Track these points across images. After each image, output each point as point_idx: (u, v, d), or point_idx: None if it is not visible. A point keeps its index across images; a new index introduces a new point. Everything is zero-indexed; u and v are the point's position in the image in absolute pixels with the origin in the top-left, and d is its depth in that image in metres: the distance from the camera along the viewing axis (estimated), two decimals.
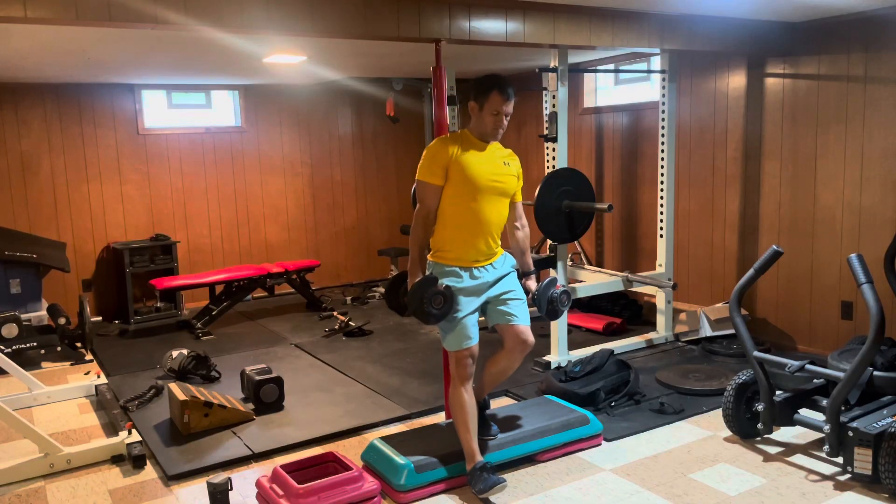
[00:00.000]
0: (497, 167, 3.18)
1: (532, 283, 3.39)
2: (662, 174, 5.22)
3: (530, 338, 3.26)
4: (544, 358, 4.77)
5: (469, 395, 3.15)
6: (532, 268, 3.45)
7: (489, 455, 3.24)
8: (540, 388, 4.23)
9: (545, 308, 3.33)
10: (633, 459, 3.43)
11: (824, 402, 3.31)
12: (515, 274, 3.34)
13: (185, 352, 4.84)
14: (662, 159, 5.21)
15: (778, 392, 3.51)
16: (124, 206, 6.65)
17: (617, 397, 4.05)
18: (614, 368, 4.16)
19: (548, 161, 4.83)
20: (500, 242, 3.27)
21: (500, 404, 4.04)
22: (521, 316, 3.26)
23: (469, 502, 3.09)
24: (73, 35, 4.03)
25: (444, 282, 3.10)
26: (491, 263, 3.22)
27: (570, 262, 5.42)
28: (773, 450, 3.49)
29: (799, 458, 3.39)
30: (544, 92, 5.71)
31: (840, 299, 4.71)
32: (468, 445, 3.13)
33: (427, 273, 3.17)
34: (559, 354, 4.75)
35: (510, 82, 3.12)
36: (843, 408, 3.24)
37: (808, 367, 3.32)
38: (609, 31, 4.08)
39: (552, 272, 4.80)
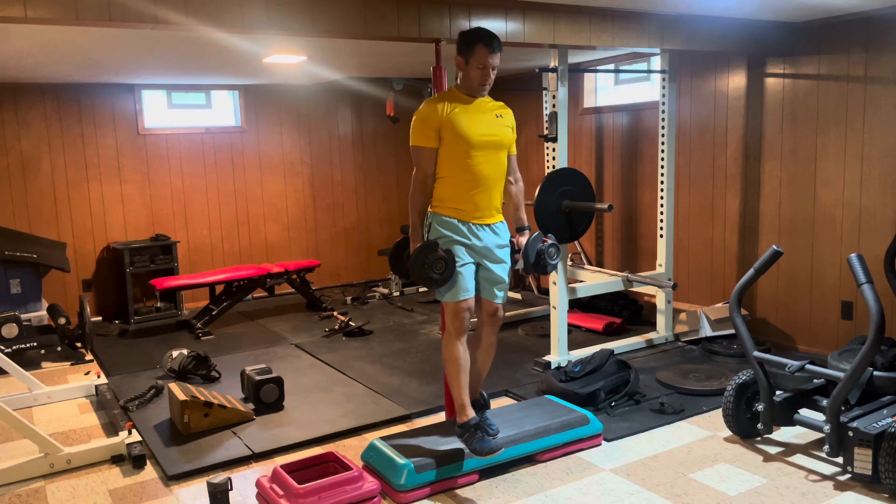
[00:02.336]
0: (489, 121, 3.18)
1: (524, 239, 3.37)
2: (662, 174, 5.22)
3: (502, 313, 3.36)
4: (544, 358, 4.77)
5: (464, 348, 3.17)
6: (525, 223, 3.43)
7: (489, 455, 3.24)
8: (540, 388, 4.23)
9: (533, 261, 3.30)
10: (633, 459, 3.43)
11: (824, 402, 3.31)
12: (510, 248, 3.34)
13: (185, 352, 4.84)
14: (662, 159, 5.21)
15: (778, 392, 3.51)
16: (124, 206, 6.65)
17: (617, 397, 4.05)
18: (614, 368, 4.16)
19: (548, 161, 4.83)
20: (501, 199, 3.26)
21: (500, 404, 4.04)
22: (501, 296, 3.32)
23: (469, 503, 3.09)
24: (73, 35, 4.03)
25: (442, 231, 3.12)
26: (491, 225, 3.21)
27: (570, 262, 5.42)
28: (773, 450, 3.49)
29: (799, 458, 3.39)
30: (544, 92, 5.71)
31: (840, 299, 4.71)
32: (459, 398, 3.15)
33: (426, 221, 3.18)
34: (559, 354, 4.75)
35: (495, 35, 3.10)
36: (843, 408, 3.24)
37: (808, 367, 3.32)
38: (609, 31, 4.08)
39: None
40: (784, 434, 3.66)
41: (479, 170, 3.14)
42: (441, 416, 3.90)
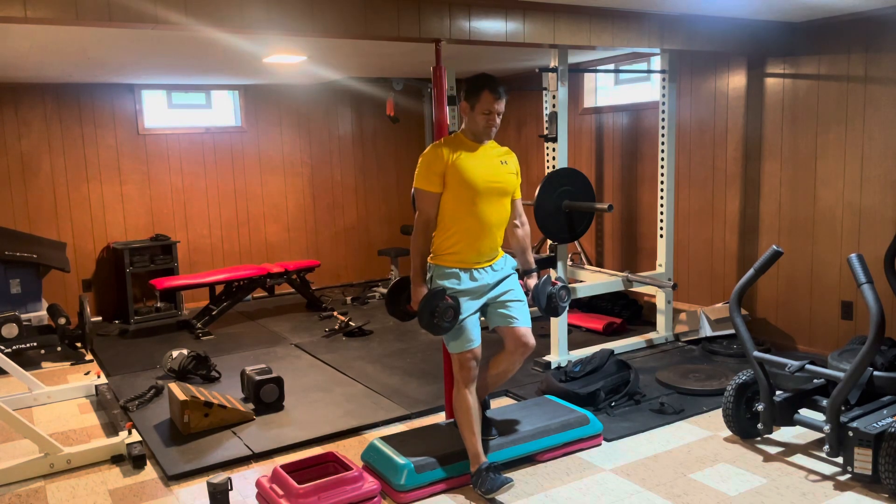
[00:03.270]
0: (494, 167, 3.17)
1: (533, 281, 3.38)
2: (662, 174, 5.22)
3: (531, 340, 3.25)
4: (544, 358, 4.77)
5: (473, 397, 3.15)
6: (533, 266, 3.44)
7: (489, 455, 3.24)
8: (540, 388, 4.23)
9: (544, 305, 3.31)
10: (633, 459, 3.43)
11: (824, 402, 3.31)
12: (516, 275, 3.33)
13: (185, 352, 4.84)
14: (662, 159, 5.21)
15: (778, 392, 3.51)
16: (124, 206, 6.65)
17: (617, 397, 4.05)
18: (614, 368, 4.16)
19: (548, 161, 4.83)
20: (501, 243, 3.27)
21: (500, 404, 4.04)
22: (521, 318, 3.24)
23: (469, 503, 3.09)
24: (73, 35, 4.03)
25: (444, 283, 3.11)
26: (491, 265, 3.21)
27: (570, 262, 5.42)
28: (773, 450, 3.49)
29: (799, 458, 3.39)
30: (544, 92, 5.71)
31: (840, 299, 4.71)
32: (473, 447, 3.13)
33: (427, 275, 3.18)
34: (559, 354, 4.75)
35: (500, 81, 3.11)
36: (843, 408, 3.24)
37: (808, 367, 3.32)
38: (609, 31, 4.08)
39: (552, 271, 4.79)
40: (784, 434, 3.66)
41: (484, 217, 3.12)
42: (441, 416, 3.91)
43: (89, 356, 5.47)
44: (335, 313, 6.30)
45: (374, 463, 3.26)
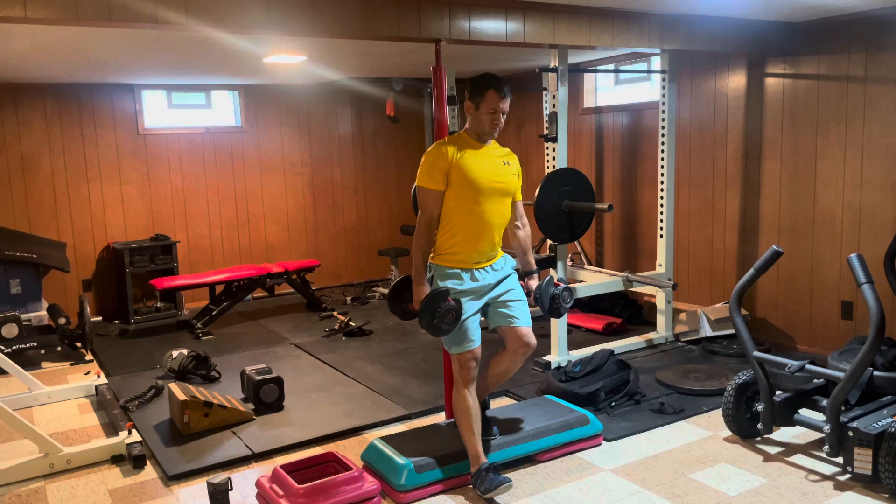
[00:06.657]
0: (497, 167, 3.18)
1: (534, 283, 3.38)
2: (662, 174, 5.22)
3: (532, 340, 3.26)
4: (544, 358, 4.77)
5: (473, 397, 3.15)
6: (534, 267, 3.44)
7: (490, 455, 3.24)
8: (540, 388, 4.23)
9: (548, 306, 3.31)
10: (633, 459, 3.43)
11: (824, 402, 3.31)
12: (516, 275, 3.33)
13: (185, 352, 4.84)
14: (662, 159, 5.21)
15: (778, 392, 3.51)
16: (124, 206, 6.65)
17: (617, 397, 4.05)
18: (614, 368, 4.16)
19: (548, 161, 4.83)
20: (501, 243, 3.27)
21: (500, 404, 4.04)
22: (522, 318, 3.25)
23: (469, 503, 3.09)
24: (73, 35, 4.03)
25: (446, 284, 3.11)
26: (491, 265, 3.22)
27: (570, 262, 5.42)
28: (773, 450, 3.49)
29: (799, 458, 3.39)
30: (544, 92, 5.71)
31: (840, 299, 4.71)
32: (473, 448, 3.13)
33: (428, 274, 3.18)
34: (559, 354, 4.75)
35: (505, 81, 3.12)
36: (843, 408, 3.24)
37: (808, 367, 3.32)
38: (609, 31, 4.08)
39: (552, 272, 4.79)
40: (784, 434, 3.66)
41: (485, 217, 3.13)
42: (441, 416, 3.90)
43: (89, 356, 5.47)
44: (335, 313, 6.30)
45: (374, 463, 3.26)
